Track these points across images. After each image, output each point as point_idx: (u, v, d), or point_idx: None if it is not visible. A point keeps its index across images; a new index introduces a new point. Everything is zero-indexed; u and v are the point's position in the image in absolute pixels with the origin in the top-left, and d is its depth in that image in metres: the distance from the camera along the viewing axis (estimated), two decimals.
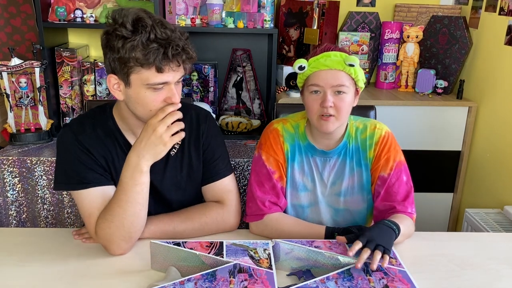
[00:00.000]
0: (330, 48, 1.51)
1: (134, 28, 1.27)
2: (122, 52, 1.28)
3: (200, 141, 1.56)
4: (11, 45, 2.76)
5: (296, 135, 1.61)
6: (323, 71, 1.49)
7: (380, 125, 1.61)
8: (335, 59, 1.47)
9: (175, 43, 1.29)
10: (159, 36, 1.27)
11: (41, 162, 2.35)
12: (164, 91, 1.34)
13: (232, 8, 2.77)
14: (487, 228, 2.33)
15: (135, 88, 1.33)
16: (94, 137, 1.44)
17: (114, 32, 1.29)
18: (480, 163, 2.76)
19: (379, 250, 1.28)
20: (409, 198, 1.56)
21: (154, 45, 1.27)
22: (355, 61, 1.46)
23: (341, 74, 1.48)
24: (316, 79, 1.49)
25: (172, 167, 1.54)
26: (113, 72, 1.34)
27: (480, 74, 2.78)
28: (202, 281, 1.19)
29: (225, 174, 1.58)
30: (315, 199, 1.62)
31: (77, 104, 2.76)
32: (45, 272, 1.33)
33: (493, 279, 1.37)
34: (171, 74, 1.32)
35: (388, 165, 1.56)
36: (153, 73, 1.30)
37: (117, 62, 1.31)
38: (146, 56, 1.27)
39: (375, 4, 3.05)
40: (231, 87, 3.01)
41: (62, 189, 1.48)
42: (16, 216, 2.43)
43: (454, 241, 1.58)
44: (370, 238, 1.30)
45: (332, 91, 1.48)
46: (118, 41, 1.28)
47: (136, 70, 1.30)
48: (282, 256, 1.35)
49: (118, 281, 1.30)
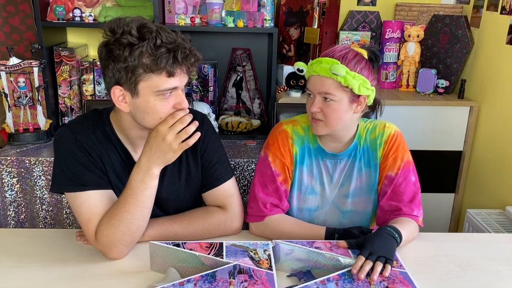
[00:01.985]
0: (329, 53, 1.49)
1: (140, 34, 1.25)
2: (130, 59, 1.24)
3: (197, 147, 1.52)
4: (9, 45, 2.76)
5: (306, 137, 1.60)
6: (313, 76, 1.50)
7: (390, 124, 1.60)
8: (323, 66, 1.46)
9: (183, 46, 1.27)
10: (165, 41, 1.25)
11: (40, 162, 2.34)
12: (172, 98, 1.32)
13: (232, 7, 2.76)
14: (488, 228, 2.33)
15: (144, 97, 1.30)
16: (93, 138, 1.40)
17: (117, 41, 1.25)
18: (482, 163, 2.75)
19: (380, 261, 1.27)
20: (415, 199, 1.54)
21: (163, 49, 1.25)
22: (338, 71, 1.42)
23: (328, 81, 1.46)
24: (308, 83, 1.53)
25: (170, 175, 1.51)
26: (118, 84, 1.30)
27: (481, 74, 2.77)
28: (201, 282, 1.18)
29: (226, 179, 1.55)
30: (323, 202, 1.61)
31: (76, 104, 2.75)
32: (43, 274, 1.32)
33: (495, 280, 1.36)
34: (180, 78, 1.31)
35: (395, 164, 1.55)
36: (163, 78, 1.27)
37: (123, 72, 1.27)
38: (156, 61, 1.24)
39: (376, 3, 3.04)
40: (231, 87, 3.00)
41: (59, 191, 1.41)
42: (15, 216, 2.41)
43: (455, 242, 1.58)
44: (372, 251, 1.29)
45: (321, 96, 1.48)
46: (124, 50, 1.24)
47: (145, 77, 1.27)
48: (282, 257, 1.34)
49: (117, 282, 1.29)
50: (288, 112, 1.98)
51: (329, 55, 1.48)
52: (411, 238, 1.50)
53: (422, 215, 1.54)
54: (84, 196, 1.36)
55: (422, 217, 1.54)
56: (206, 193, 1.56)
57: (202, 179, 1.55)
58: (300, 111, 1.76)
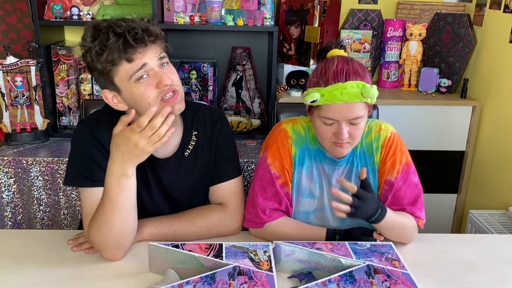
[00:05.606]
0: (343, 71, 1.36)
1: (93, 36, 1.29)
2: (94, 63, 1.30)
3: (213, 140, 1.54)
4: (6, 43, 2.74)
5: (306, 137, 1.55)
6: (338, 104, 1.36)
7: (385, 125, 1.54)
8: (352, 92, 1.34)
9: (132, 28, 1.28)
10: (116, 30, 1.27)
11: (37, 162, 2.33)
12: (151, 79, 1.32)
13: (232, 5, 2.75)
14: (491, 229, 2.32)
15: (125, 89, 1.33)
16: (110, 135, 1.40)
17: (83, 50, 1.32)
18: (485, 163, 2.74)
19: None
20: (417, 202, 1.50)
21: (112, 39, 1.27)
22: (371, 94, 1.34)
23: (358, 106, 1.36)
24: (330, 113, 1.38)
25: (185, 168, 1.51)
26: (104, 87, 1.36)
27: (484, 73, 2.75)
28: (201, 284, 1.17)
29: (232, 176, 1.56)
30: (322, 206, 1.56)
31: (74, 103, 2.73)
32: (40, 275, 1.31)
33: (498, 282, 1.35)
34: (144, 58, 1.30)
35: (394, 168, 1.50)
36: (126, 65, 1.30)
37: (98, 76, 1.33)
38: (111, 54, 1.27)
39: (377, 2, 3.02)
40: (230, 86, 2.98)
41: (70, 184, 1.47)
42: (12, 217, 2.40)
43: (457, 243, 1.56)
44: (359, 208, 1.33)
45: (348, 122, 1.39)
46: (87, 57, 1.31)
47: (113, 72, 1.31)
48: (283, 258, 1.32)
49: (115, 284, 1.29)
50: (288, 112, 1.97)
51: (341, 76, 1.36)
52: (403, 224, 1.45)
53: (424, 218, 1.51)
54: (90, 192, 1.39)
55: (425, 220, 1.51)
56: (211, 188, 1.57)
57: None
58: (301, 111, 1.74)
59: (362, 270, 1.25)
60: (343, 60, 1.39)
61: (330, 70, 1.38)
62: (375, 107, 1.94)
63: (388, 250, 1.35)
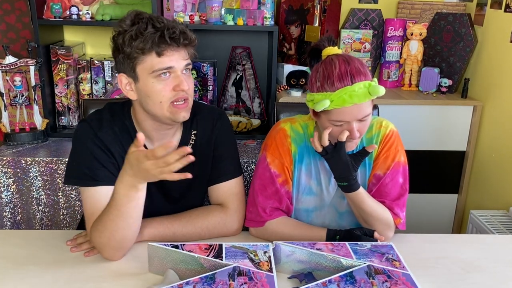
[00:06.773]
0: (348, 73, 1.35)
1: (133, 22, 1.33)
2: (125, 45, 1.32)
3: (212, 139, 1.55)
4: (5, 43, 2.72)
5: (305, 135, 1.55)
6: (348, 107, 1.36)
7: (386, 123, 1.56)
8: (360, 92, 1.34)
9: (172, 26, 1.33)
10: (155, 24, 1.32)
11: (36, 162, 2.32)
12: (171, 80, 1.35)
13: (232, 5, 2.74)
14: (492, 230, 2.32)
15: (143, 80, 1.35)
16: (112, 134, 1.43)
17: (116, 32, 1.36)
18: (486, 163, 2.73)
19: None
20: (399, 200, 1.51)
21: (150, 30, 1.31)
22: (379, 92, 1.35)
23: (366, 104, 1.38)
24: (341, 116, 1.38)
25: (184, 167, 1.49)
26: (123, 71, 1.38)
27: (485, 73, 2.75)
28: (201, 284, 1.17)
29: (233, 176, 1.55)
30: (321, 203, 1.57)
31: (73, 103, 2.72)
32: (39, 276, 1.31)
33: (499, 282, 1.35)
34: (173, 58, 1.34)
35: (385, 164, 1.51)
36: (155, 58, 1.33)
37: (122, 59, 1.35)
38: (144, 42, 1.31)
39: (377, 1, 3.01)
40: (230, 86, 2.97)
41: (72, 183, 1.48)
42: (11, 217, 2.40)
43: (458, 244, 1.57)
44: (331, 155, 1.41)
45: (357, 120, 1.40)
46: (119, 38, 1.33)
47: (139, 59, 1.33)
48: (283, 258, 1.32)
49: (114, 285, 1.29)
50: (288, 112, 1.96)
51: (346, 78, 1.35)
52: (373, 210, 1.47)
53: (404, 218, 1.52)
54: (93, 191, 1.39)
55: (404, 220, 1.52)
56: (211, 188, 1.57)
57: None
58: (301, 111, 1.73)
59: (362, 270, 1.24)
60: (343, 60, 1.38)
61: (333, 73, 1.36)
62: (376, 107, 1.94)
63: (388, 251, 1.34)
